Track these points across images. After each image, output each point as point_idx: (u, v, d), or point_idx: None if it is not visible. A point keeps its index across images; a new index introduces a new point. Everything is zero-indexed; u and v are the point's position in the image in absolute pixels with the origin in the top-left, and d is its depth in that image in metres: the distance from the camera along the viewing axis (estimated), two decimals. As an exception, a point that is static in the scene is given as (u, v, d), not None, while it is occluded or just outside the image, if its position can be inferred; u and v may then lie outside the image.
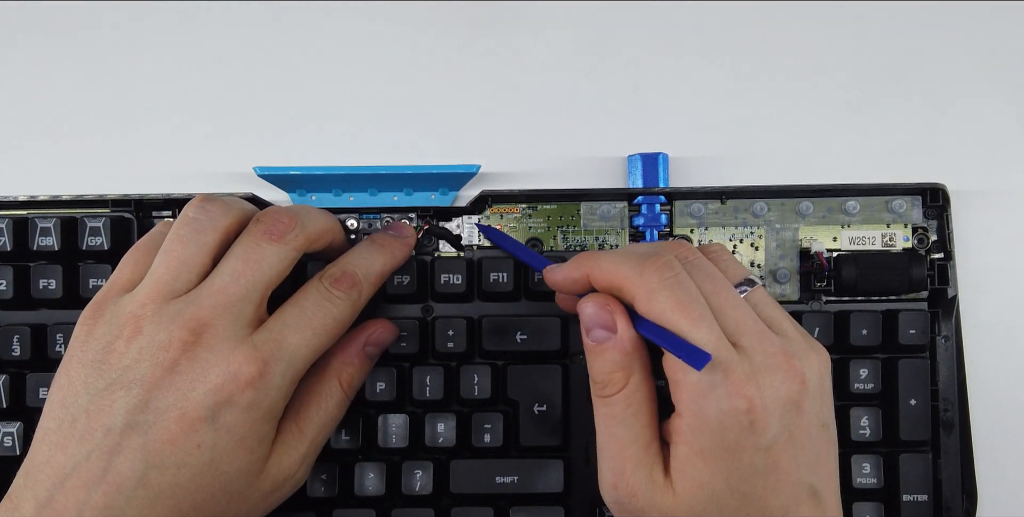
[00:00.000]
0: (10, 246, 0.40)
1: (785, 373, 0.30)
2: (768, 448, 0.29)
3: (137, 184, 0.43)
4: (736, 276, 0.33)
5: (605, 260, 0.32)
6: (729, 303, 0.31)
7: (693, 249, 0.33)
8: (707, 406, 0.29)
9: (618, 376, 0.31)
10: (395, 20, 0.44)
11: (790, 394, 0.29)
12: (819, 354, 0.32)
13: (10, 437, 0.40)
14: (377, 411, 0.40)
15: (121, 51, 0.44)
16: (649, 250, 0.32)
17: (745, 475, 0.29)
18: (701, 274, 0.31)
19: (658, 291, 0.30)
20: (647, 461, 0.30)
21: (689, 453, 0.30)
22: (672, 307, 0.30)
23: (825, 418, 0.31)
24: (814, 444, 0.30)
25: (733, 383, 0.29)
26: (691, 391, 0.29)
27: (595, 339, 0.31)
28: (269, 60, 0.44)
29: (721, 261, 0.33)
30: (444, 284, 0.40)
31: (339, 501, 0.40)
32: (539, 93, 0.44)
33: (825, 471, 0.31)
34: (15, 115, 0.44)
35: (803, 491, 0.30)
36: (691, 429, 0.30)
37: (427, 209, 0.41)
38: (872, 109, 0.44)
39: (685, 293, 0.30)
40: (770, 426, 0.29)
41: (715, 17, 0.45)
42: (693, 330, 0.29)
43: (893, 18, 0.45)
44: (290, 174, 0.41)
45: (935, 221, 0.42)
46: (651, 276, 0.30)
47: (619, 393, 0.31)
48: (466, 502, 0.40)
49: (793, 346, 0.31)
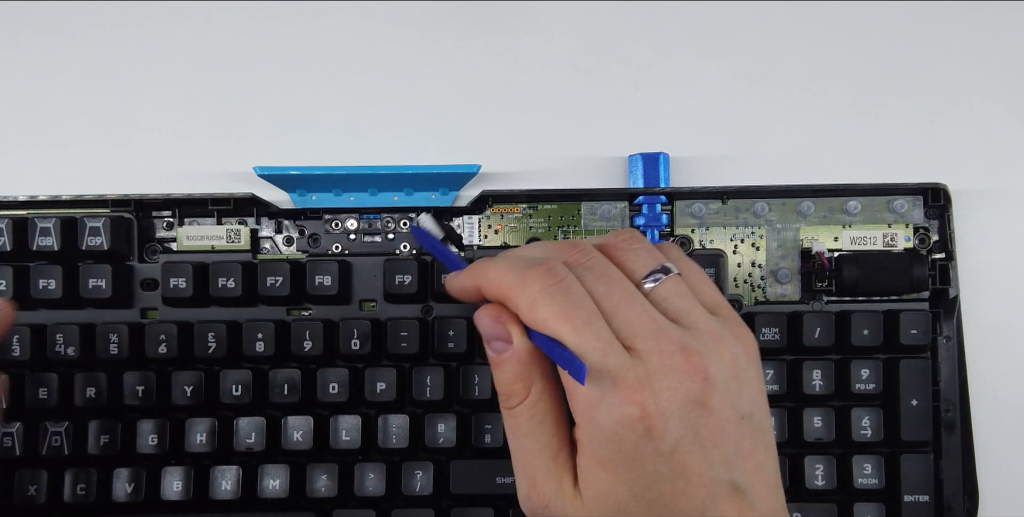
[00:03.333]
0: (10, 246, 0.39)
1: (684, 372, 0.28)
2: (671, 453, 0.28)
3: (137, 184, 0.43)
4: (644, 267, 0.31)
5: (492, 270, 0.30)
6: (623, 304, 0.29)
7: (587, 250, 0.31)
8: (599, 416, 0.28)
9: (518, 387, 0.30)
10: (395, 20, 0.44)
11: (691, 394, 0.28)
12: (739, 341, 0.30)
13: (10, 437, 0.40)
14: (377, 411, 0.40)
15: (121, 51, 0.44)
16: (538, 254, 0.31)
17: (649, 482, 0.28)
18: (592, 276, 0.30)
19: (540, 301, 0.29)
20: (556, 471, 0.30)
21: (590, 463, 0.29)
22: (554, 316, 0.28)
23: (745, 409, 0.29)
24: (731, 439, 0.29)
25: (624, 391, 0.28)
26: (583, 402, 0.28)
27: (495, 351, 0.30)
28: (269, 60, 0.44)
29: (628, 251, 0.31)
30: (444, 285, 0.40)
31: (339, 501, 0.40)
32: (539, 93, 0.44)
33: (750, 464, 0.29)
34: (15, 115, 0.44)
35: (721, 489, 0.29)
36: (588, 439, 0.29)
37: (427, 209, 0.41)
38: (873, 109, 0.44)
39: (568, 300, 0.29)
40: (669, 431, 0.28)
41: (715, 17, 0.44)
42: (577, 339, 0.28)
43: (894, 18, 0.44)
44: (290, 174, 0.41)
45: (936, 221, 0.42)
46: (532, 285, 0.29)
47: (521, 404, 0.30)
48: (466, 502, 0.40)
49: (699, 340, 0.29)
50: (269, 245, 0.42)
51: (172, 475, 0.39)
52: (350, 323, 0.40)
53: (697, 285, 0.32)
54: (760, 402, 0.30)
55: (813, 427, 0.40)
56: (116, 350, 0.39)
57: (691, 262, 0.33)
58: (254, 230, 0.42)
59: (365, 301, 0.41)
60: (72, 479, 0.39)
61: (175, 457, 0.40)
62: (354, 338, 0.40)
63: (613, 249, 0.32)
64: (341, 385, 0.40)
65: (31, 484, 0.39)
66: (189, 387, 0.40)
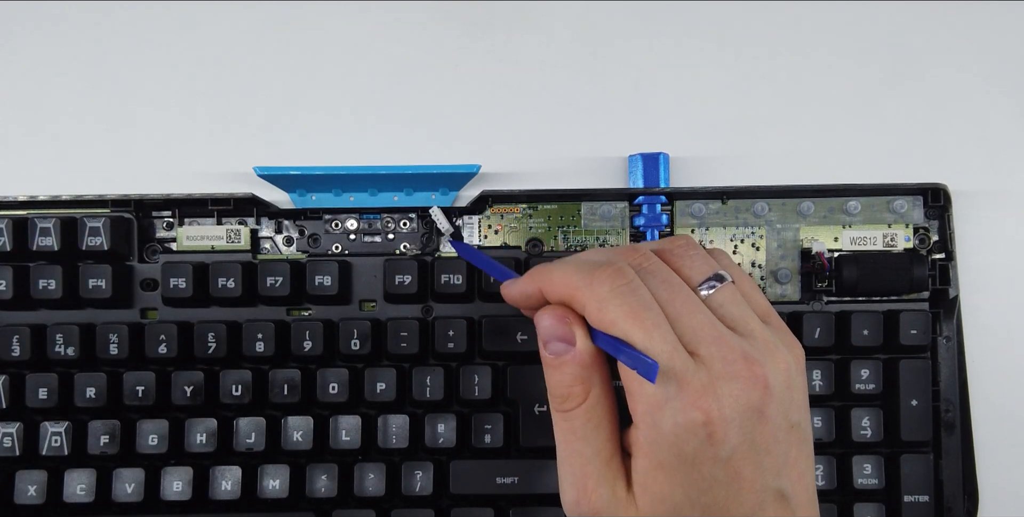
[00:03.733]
0: (10, 246, 0.39)
1: (746, 380, 0.28)
2: (728, 459, 0.28)
3: (137, 184, 0.43)
4: (701, 274, 0.31)
5: (557, 272, 0.31)
6: (686, 309, 0.29)
7: (648, 255, 0.31)
8: (663, 419, 0.28)
9: (578, 390, 0.30)
10: (395, 20, 0.44)
11: (751, 402, 0.28)
12: (790, 350, 0.31)
13: (10, 437, 0.40)
14: (377, 411, 0.40)
15: (121, 51, 0.44)
16: (601, 258, 0.31)
17: (705, 486, 0.28)
18: (656, 280, 0.30)
19: (609, 301, 0.29)
20: (609, 476, 0.30)
21: (648, 466, 0.29)
22: (624, 316, 0.29)
23: (794, 418, 0.30)
24: (781, 447, 0.29)
25: (689, 395, 0.28)
26: (647, 403, 0.29)
27: (553, 352, 0.30)
28: (269, 60, 0.44)
29: (685, 258, 0.32)
30: (444, 284, 0.40)
31: (339, 501, 0.40)
32: (539, 93, 0.44)
33: (796, 472, 0.30)
34: (15, 115, 0.44)
35: (769, 496, 0.29)
36: (648, 441, 0.29)
37: (427, 209, 0.41)
38: (873, 109, 0.44)
39: (638, 301, 0.29)
40: (729, 437, 0.28)
41: (715, 17, 0.44)
42: (647, 340, 0.28)
43: (894, 18, 0.44)
44: (290, 174, 0.41)
45: (936, 221, 0.42)
46: (602, 285, 0.29)
47: (579, 407, 0.30)
48: (466, 503, 0.40)
49: (756, 348, 0.29)
50: (269, 245, 0.42)
51: (172, 475, 0.39)
52: (350, 323, 0.40)
53: (749, 293, 0.32)
54: (806, 411, 0.31)
55: (813, 427, 0.40)
56: (116, 350, 0.39)
57: (741, 270, 0.33)
58: (254, 230, 0.42)
59: (365, 301, 0.41)
60: (72, 479, 0.39)
61: (175, 457, 0.40)
62: (354, 338, 0.40)
63: (670, 255, 0.32)
64: (341, 385, 0.40)
65: (31, 484, 0.39)
66: (189, 387, 0.40)
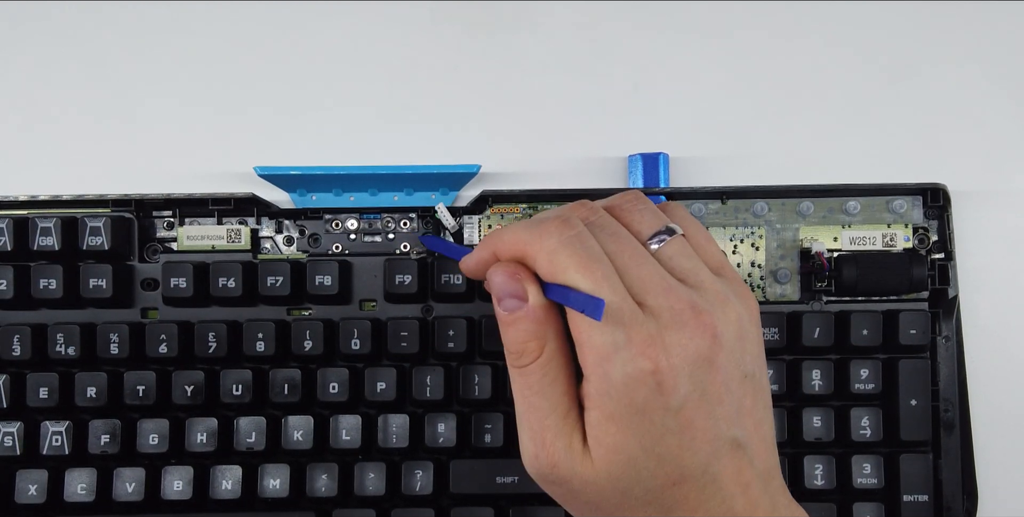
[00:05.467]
0: (10, 246, 0.40)
1: (694, 330, 0.29)
2: (679, 408, 0.28)
3: (137, 184, 0.43)
4: (650, 228, 0.31)
5: (507, 232, 0.31)
6: (634, 261, 0.30)
7: (596, 209, 0.31)
8: (612, 369, 0.28)
9: (532, 345, 0.30)
10: (395, 20, 0.44)
11: (700, 351, 0.29)
12: (743, 301, 0.31)
13: (10, 437, 0.40)
14: (378, 411, 0.40)
15: (121, 51, 0.44)
16: (548, 213, 0.31)
17: (658, 436, 0.29)
18: (604, 234, 0.30)
19: (558, 251, 0.29)
20: (566, 430, 0.30)
21: (600, 418, 0.29)
22: (573, 266, 0.29)
23: (747, 369, 0.30)
24: (734, 397, 0.29)
25: (637, 344, 0.28)
26: (596, 354, 0.29)
27: (507, 308, 0.30)
28: (269, 60, 0.44)
29: (634, 213, 0.32)
30: (444, 284, 0.40)
31: (339, 501, 0.40)
32: (539, 93, 0.44)
33: (751, 421, 0.30)
34: (15, 115, 0.44)
35: (723, 445, 0.29)
36: (599, 393, 0.29)
37: (427, 209, 0.41)
38: (872, 109, 0.44)
39: (586, 252, 0.29)
40: (679, 386, 0.28)
41: (715, 17, 0.44)
42: (595, 289, 0.28)
43: (893, 18, 0.44)
44: (290, 174, 0.41)
45: (936, 221, 0.42)
46: (550, 237, 0.29)
47: (534, 362, 0.30)
48: (466, 502, 0.40)
49: (706, 299, 0.30)
50: (269, 245, 0.42)
51: (173, 475, 0.39)
52: (350, 323, 0.40)
53: (702, 245, 0.32)
54: (761, 361, 0.31)
55: (812, 427, 0.40)
56: (117, 350, 0.39)
57: (696, 222, 0.33)
58: (254, 230, 0.42)
59: (365, 301, 0.41)
60: (73, 479, 0.39)
61: (176, 457, 0.40)
62: (354, 338, 0.40)
63: (619, 210, 0.32)
64: (341, 385, 0.40)
65: (32, 483, 0.39)
66: (190, 387, 0.40)
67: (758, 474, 0.30)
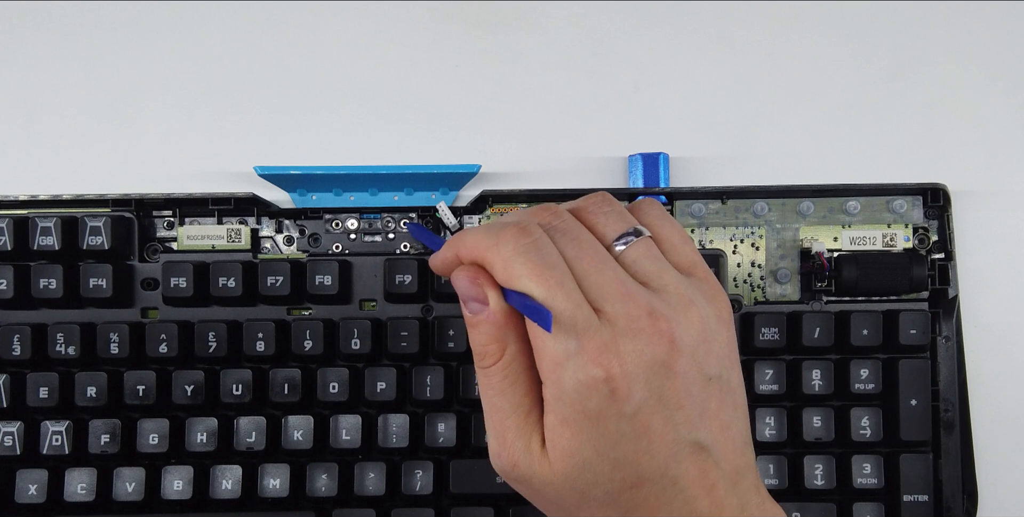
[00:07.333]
0: (10, 246, 0.40)
1: (650, 336, 0.29)
2: (634, 414, 0.28)
3: (137, 184, 0.43)
4: (615, 230, 0.31)
5: (468, 236, 0.31)
6: (593, 267, 0.30)
7: (560, 213, 0.31)
8: (564, 376, 0.29)
9: (493, 348, 0.30)
10: (395, 20, 0.44)
11: (656, 357, 0.28)
12: (711, 302, 0.31)
13: (10, 437, 0.40)
14: (378, 411, 0.40)
15: (121, 51, 0.44)
16: (511, 219, 0.31)
17: (613, 441, 0.29)
18: (565, 239, 0.30)
19: (513, 259, 0.29)
20: (526, 430, 0.30)
21: (555, 422, 0.29)
22: (528, 274, 0.29)
23: (712, 371, 0.30)
24: (696, 401, 0.29)
25: (589, 352, 0.28)
26: (550, 360, 0.29)
27: (472, 311, 0.31)
28: (269, 60, 0.44)
29: (599, 215, 0.32)
30: (444, 284, 0.40)
31: (339, 500, 0.40)
32: (539, 93, 0.44)
33: (717, 423, 0.30)
34: (15, 115, 0.44)
35: (684, 448, 0.29)
36: (553, 398, 0.29)
37: (427, 209, 0.41)
38: (872, 109, 0.44)
39: (541, 259, 0.29)
40: (633, 393, 0.28)
41: (715, 17, 0.44)
42: (548, 297, 0.28)
43: (893, 18, 0.44)
44: (290, 174, 0.41)
45: (936, 221, 0.42)
46: (507, 245, 0.29)
47: (495, 365, 0.30)
48: (466, 502, 0.40)
49: (667, 303, 0.29)
50: (269, 245, 0.42)
51: (173, 474, 0.39)
52: (350, 323, 0.40)
53: (676, 246, 0.32)
54: (729, 363, 0.31)
55: (812, 427, 0.40)
56: (117, 350, 0.39)
57: (670, 221, 0.33)
58: (255, 230, 0.42)
59: (365, 301, 0.41)
60: (73, 478, 0.39)
61: (176, 456, 0.40)
62: (354, 338, 0.40)
63: (585, 212, 0.32)
64: (341, 385, 0.40)
65: (32, 483, 0.39)
66: (190, 386, 0.40)
67: (724, 475, 0.30)
